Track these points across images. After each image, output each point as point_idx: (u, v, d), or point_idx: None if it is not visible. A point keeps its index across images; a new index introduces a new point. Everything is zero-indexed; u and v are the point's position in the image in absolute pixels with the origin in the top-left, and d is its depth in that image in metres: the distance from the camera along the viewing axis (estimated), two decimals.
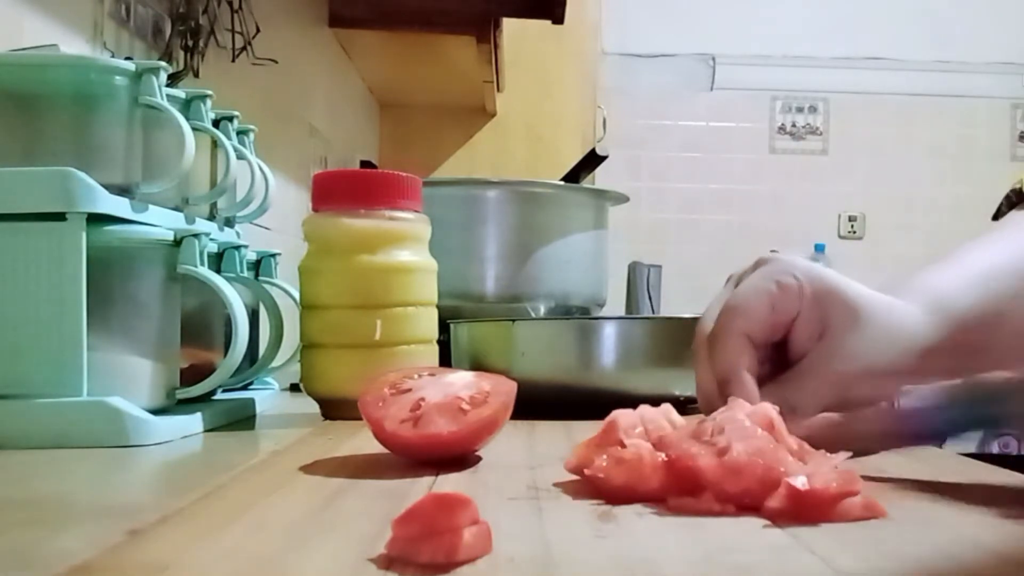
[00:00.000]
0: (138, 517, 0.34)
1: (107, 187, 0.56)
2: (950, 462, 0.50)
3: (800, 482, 0.35)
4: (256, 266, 0.80)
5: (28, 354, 0.54)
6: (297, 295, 0.70)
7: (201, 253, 0.61)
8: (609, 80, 3.22)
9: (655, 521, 0.35)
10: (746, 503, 0.36)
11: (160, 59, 0.80)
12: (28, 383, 0.54)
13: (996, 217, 0.63)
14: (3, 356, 0.54)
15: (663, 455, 0.38)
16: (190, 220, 0.67)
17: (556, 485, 0.41)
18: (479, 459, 0.48)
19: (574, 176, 1.20)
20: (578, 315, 1.12)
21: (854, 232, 3.38)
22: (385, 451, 0.47)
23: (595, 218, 1.15)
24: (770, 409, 0.40)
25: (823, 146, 3.39)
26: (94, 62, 0.64)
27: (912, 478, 0.44)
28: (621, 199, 1.18)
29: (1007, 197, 0.66)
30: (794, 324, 0.52)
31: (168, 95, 0.62)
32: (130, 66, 0.60)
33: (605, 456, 0.39)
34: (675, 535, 0.33)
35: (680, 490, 0.37)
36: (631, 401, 0.46)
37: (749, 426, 0.39)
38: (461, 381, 0.49)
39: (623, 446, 0.39)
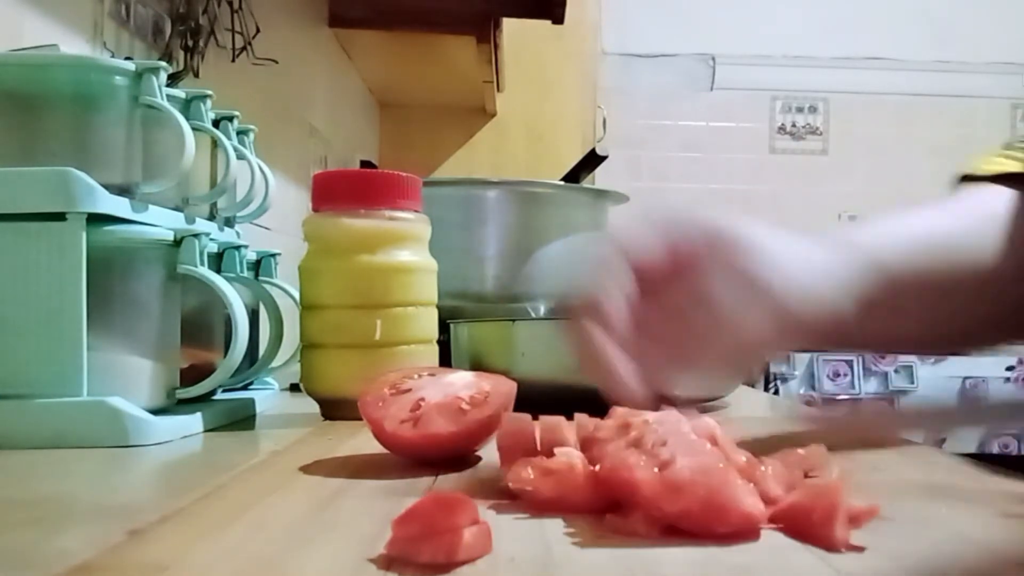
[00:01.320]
0: (138, 517, 0.34)
1: (107, 187, 0.56)
2: (949, 462, 0.50)
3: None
4: (256, 266, 0.80)
5: (28, 354, 0.54)
6: (297, 295, 0.70)
7: (201, 253, 0.61)
8: (609, 80, 3.21)
9: None
10: (683, 526, 0.31)
11: (160, 59, 0.80)
12: (28, 383, 0.54)
13: None
14: (3, 356, 0.54)
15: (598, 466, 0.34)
16: (190, 220, 0.67)
17: None
18: (479, 459, 0.48)
19: (574, 176, 1.20)
20: None
21: None
22: (385, 451, 0.47)
23: (595, 218, 1.15)
24: (712, 423, 0.37)
25: (823, 146, 3.39)
26: (94, 62, 0.64)
27: (912, 478, 0.44)
28: (621, 199, 1.18)
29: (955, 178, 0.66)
30: (692, 273, 0.46)
31: (168, 95, 0.62)
32: (130, 66, 0.60)
33: (530, 468, 0.36)
34: (675, 535, 0.32)
35: (610, 505, 0.33)
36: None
37: (696, 440, 0.35)
38: (461, 381, 0.49)
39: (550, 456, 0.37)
